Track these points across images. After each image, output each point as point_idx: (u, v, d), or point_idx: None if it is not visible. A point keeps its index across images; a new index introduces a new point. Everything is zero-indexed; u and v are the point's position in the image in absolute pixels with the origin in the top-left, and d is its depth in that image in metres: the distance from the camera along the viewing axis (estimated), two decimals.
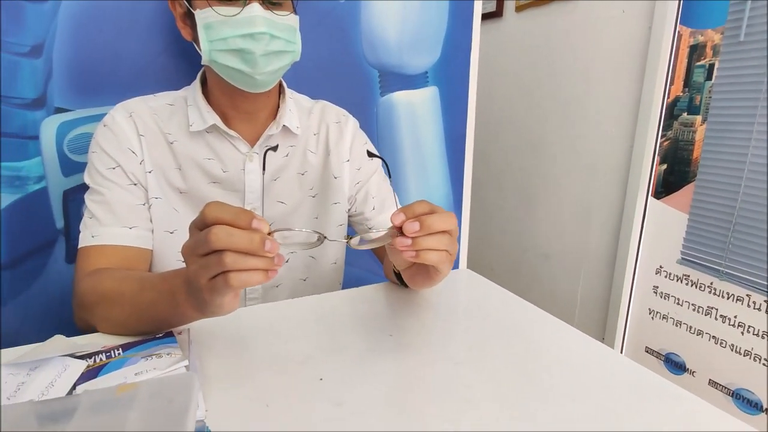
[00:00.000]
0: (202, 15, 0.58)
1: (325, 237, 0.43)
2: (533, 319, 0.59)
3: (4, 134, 0.72)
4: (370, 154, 0.70)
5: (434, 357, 0.49)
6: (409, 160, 1.07)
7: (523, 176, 1.88)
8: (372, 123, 1.01)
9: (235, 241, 0.37)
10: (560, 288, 1.75)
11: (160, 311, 0.47)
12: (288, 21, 0.61)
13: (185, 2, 0.61)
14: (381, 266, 0.78)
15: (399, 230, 0.44)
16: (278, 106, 0.71)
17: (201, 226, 0.39)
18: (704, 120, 1.26)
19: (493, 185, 2.05)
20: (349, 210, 0.79)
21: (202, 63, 0.62)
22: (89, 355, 0.42)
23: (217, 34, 0.58)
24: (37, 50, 0.72)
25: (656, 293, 1.43)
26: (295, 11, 0.63)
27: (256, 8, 0.57)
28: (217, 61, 0.60)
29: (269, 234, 0.39)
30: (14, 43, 0.70)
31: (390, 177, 0.78)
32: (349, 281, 0.87)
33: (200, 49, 0.61)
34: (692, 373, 1.34)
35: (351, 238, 0.46)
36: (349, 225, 0.81)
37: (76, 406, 0.28)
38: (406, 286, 0.64)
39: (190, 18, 0.62)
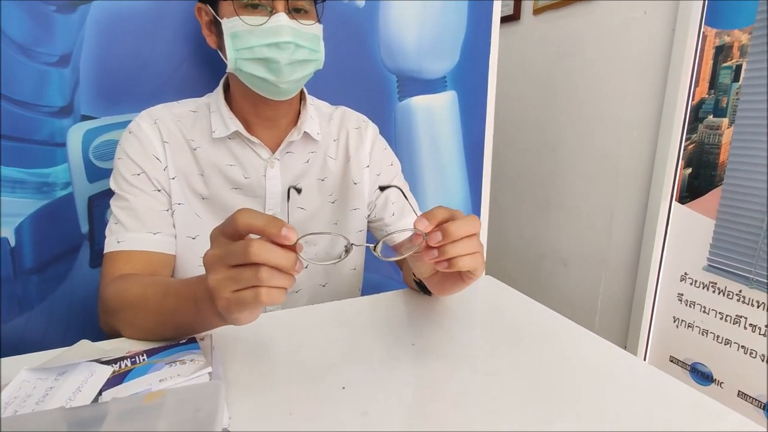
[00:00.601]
0: (229, 24, 0.59)
1: (352, 244, 0.42)
2: (555, 326, 0.57)
3: (33, 142, 0.74)
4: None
5: (457, 366, 0.48)
6: (427, 164, 1.07)
7: (542, 180, 1.86)
8: (390, 128, 1.01)
9: (273, 257, 0.36)
10: (579, 295, 1.72)
11: (184, 317, 0.47)
12: (312, 30, 0.61)
13: (212, 11, 0.62)
14: (399, 272, 0.77)
15: (419, 236, 0.44)
16: (299, 113, 0.71)
17: (231, 233, 0.38)
18: (731, 122, 1.22)
19: (511, 189, 2.02)
20: (368, 216, 0.78)
21: (228, 71, 0.63)
22: (114, 361, 0.42)
23: (243, 42, 0.59)
24: (65, 60, 0.74)
25: (681, 301, 1.39)
26: (319, 20, 0.63)
27: (282, 18, 0.58)
28: (242, 69, 0.60)
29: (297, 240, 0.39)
30: (44, 53, 0.72)
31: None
32: (368, 287, 0.87)
33: (225, 57, 0.62)
34: (720, 384, 1.30)
35: (375, 245, 0.45)
36: (369, 231, 0.81)
37: (105, 414, 0.28)
38: (426, 293, 0.63)
39: (216, 26, 0.63)
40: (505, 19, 1.88)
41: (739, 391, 1.26)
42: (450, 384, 0.45)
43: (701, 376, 1.34)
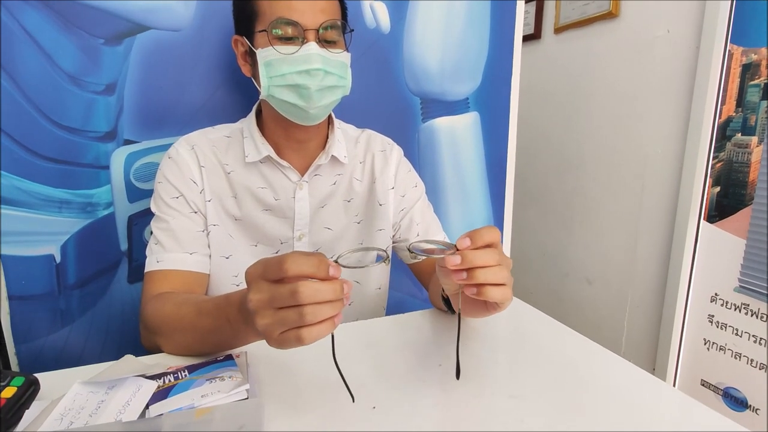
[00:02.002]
0: (263, 53, 0.63)
1: (385, 251, 0.43)
2: (580, 349, 0.57)
3: (80, 165, 0.79)
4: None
5: (483, 389, 0.49)
6: (450, 184, 1.08)
7: (564, 197, 1.85)
8: (414, 149, 1.03)
9: (322, 296, 0.37)
10: (604, 315, 1.68)
11: (221, 336, 0.50)
12: (341, 58, 0.64)
13: (248, 42, 0.66)
14: (422, 290, 0.78)
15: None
16: (327, 137, 0.74)
17: (278, 277, 0.38)
18: (760, 141, 1.20)
19: (533, 208, 2.01)
20: (393, 236, 0.80)
21: (261, 98, 0.67)
22: (158, 376, 0.45)
23: (276, 70, 0.62)
24: (111, 88, 0.79)
25: (712, 322, 1.35)
26: (347, 49, 0.66)
27: (312, 47, 0.61)
28: (274, 96, 0.64)
29: (338, 258, 0.40)
30: (91, 83, 0.78)
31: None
32: (392, 305, 0.88)
33: (259, 85, 0.65)
34: (755, 410, 1.25)
35: (409, 248, 0.46)
36: (393, 251, 0.83)
37: (160, 427, 0.30)
38: (452, 311, 0.64)
39: (250, 56, 0.67)
40: (526, 38, 1.90)
41: None
42: (476, 406, 0.46)
43: (735, 401, 1.30)
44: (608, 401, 0.46)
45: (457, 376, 0.49)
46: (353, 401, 0.44)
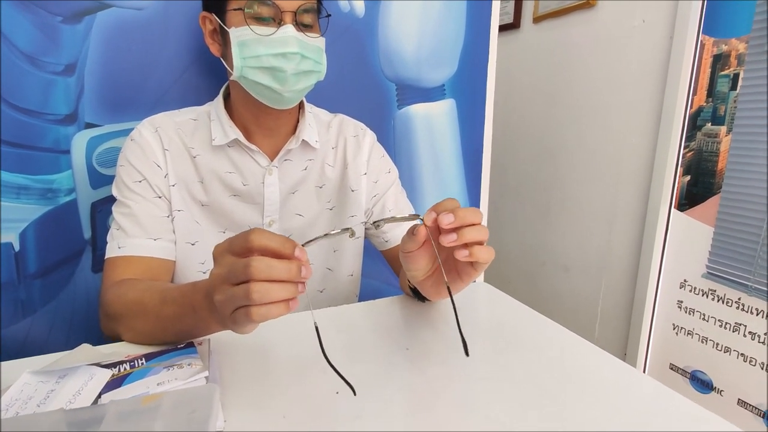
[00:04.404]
0: (237, 33, 0.61)
1: (351, 228, 0.43)
2: (553, 336, 0.58)
3: (38, 149, 0.76)
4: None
5: (451, 372, 0.49)
6: (426, 172, 1.08)
7: (542, 188, 1.87)
8: (389, 135, 1.02)
9: (276, 273, 0.36)
10: (580, 301, 1.72)
11: (184, 324, 0.48)
12: (317, 43, 0.63)
13: (217, 20, 0.63)
14: (397, 278, 0.78)
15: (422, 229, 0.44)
16: (298, 121, 0.73)
17: (240, 252, 0.38)
18: (729, 130, 1.23)
19: (511, 196, 2.03)
20: (365, 223, 0.79)
21: (232, 79, 0.64)
22: (114, 365, 0.43)
23: (251, 51, 0.60)
24: (71, 69, 0.75)
25: (681, 308, 1.39)
26: (322, 34, 0.65)
27: (290, 29, 0.60)
28: (247, 77, 0.62)
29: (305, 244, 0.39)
30: (50, 63, 0.74)
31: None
32: (366, 293, 0.88)
33: (229, 66, 0.63)
34: (720, 392, 1.30)
35: (376, 222, 0.46)
36: (366, 237, 0.82)
37: (104, 415, 0.29)
38: (421, 299, 0.64)
39: (220, 35, 0.64)
40: (505, 27, 1.90)
41: (739, 399, 1.25)
42: (443, 390, 0.46)
43: (701, 384, 1.34)
44: (577, 385, 0.47)
45: (466, 352, 0.47)
46: (354, 394, 0.43)
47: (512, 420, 0.41)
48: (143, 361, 0.44)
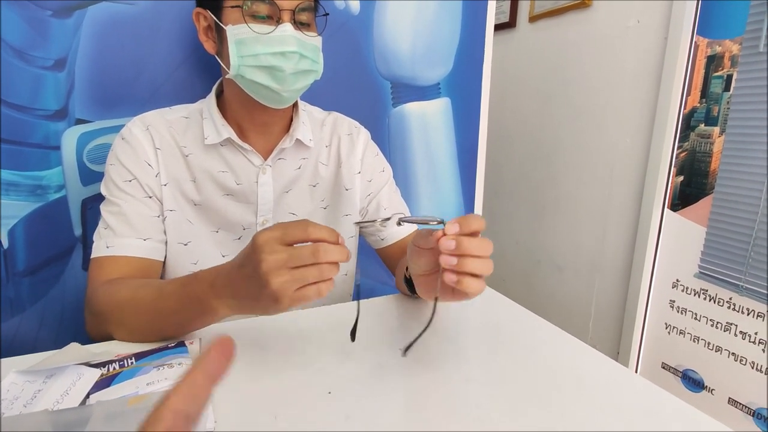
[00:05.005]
0: (234, 30, 0.60)
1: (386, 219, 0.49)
2: (547, 337, 0.58)
3: (28, 144, 0.75)
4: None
5: (444, 373, 0.49)
6: (420, 170, 1.07)
7: (536, 187, 1.87)
8: (384, 134, 1.01)
9: (337, 256, 0.42)
10: (574, 300, 1.72)
11: (183, 317, 0.49)
12: (315, 42, 0.63)
13: (213, 17, 0.63)
14: (393, 278, 0.78)
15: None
16: (291, 119, 0.72)
17: (300, 239, 0.42)
18: (722, 131, 1.24)
19: (506, 196, 2.03)
20: (381, 222, 0.79)
21: (228, 77, 0.64)
22: (103, 364, 0.43)
23: (249, 50, 0.60)
24: (61, 64, 0.74)
25: (673, 307, 1.40)
26: (319, 33, 0.64)
27: (288, 28, 0.59)
28: (245, 76, 0.61)
29: None
30: (39, 57, 0.73)
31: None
32: (362, 292, 0.87)
33: (224, 62, 0.62)
34: (711, 390, 1.31)
35: (387, 220, 0.51)
36: (361, 235, 0.82)
37: (90, 416, 0.28)
38: (415, 294, 0.64)
39: (216, 32, 0.64)
40: (501, 27, 1.90)
41: (729, 398, 1.26)
42: (436, 391, 0.46)
43: (693, 382, 1.35)
44: (569, 385, 0.47)
45: (405, 352, 0.49)
46: (353, 341, 0.47)
47: (505, 420, 0.41)
48: (133, 360, 0.44)
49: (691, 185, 1.32)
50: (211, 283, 0.47)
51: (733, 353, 1.25)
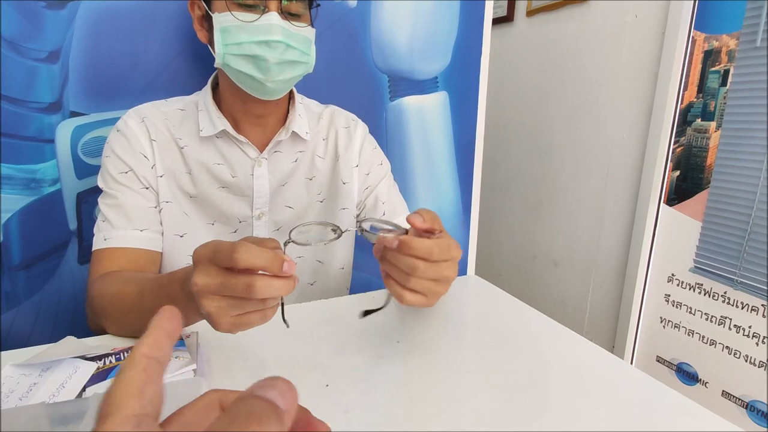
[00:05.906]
0: (219, 18, 0.59)
1: (340, 228, 0.43)
2: (542, 328, 0.58)
3: (21, 138, 0.74)
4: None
5: (442, 365, 0.49)
6: (417, 164, 1.07)
7: (533, 182, 1.87)
8: (381, 128, 1.01)
9: (276, 292, 0.37)
10: (570, 295, 1.73)
11: None
12: (304, 33, 0.62)
13: (205, 6, 0.62)
14: None
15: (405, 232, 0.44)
16: (288, 112, 0.72)
17: (228, 265, 0.37)
18: (718, 126, 1.24)
19: (503, 190, 2.04)
20: (357, 216, 0.79)
21: (215, 66, 0.63)
22: (99, 357, 0.43)
23: (233, 38, 0.59)
24: (55, 56, 0.73)
25: (668, 302, 1.41)
26: (312, 24, 0.64)
27: (274, 17, 0.58)
28: (230, 65, 0.61)
29: (292, 232, 0.41)
30: (33, 49, 0.72)
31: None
32: (358, 285, 0.88)
33: (214, 52, 0.62)
34: (705, 384, 1.32)
35: (361, 223, 0.46)
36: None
37: (86, 409, 0.28)
38: None
39: (207, 21, 0.63)
40: (498, 21, 1.89)
41: (723, 391, 1.28)
42: (433, 383, 0.46)
43: (687, 376, 1.36)
44: (566, 377, 0.47)
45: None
46: (287, 327, 0.43)
47: (502, 412, 0.41)
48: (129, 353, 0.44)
49: (687, 180, 1.33)
50: (181, 284, 0.44)
51: (727, 347, 1.26)
